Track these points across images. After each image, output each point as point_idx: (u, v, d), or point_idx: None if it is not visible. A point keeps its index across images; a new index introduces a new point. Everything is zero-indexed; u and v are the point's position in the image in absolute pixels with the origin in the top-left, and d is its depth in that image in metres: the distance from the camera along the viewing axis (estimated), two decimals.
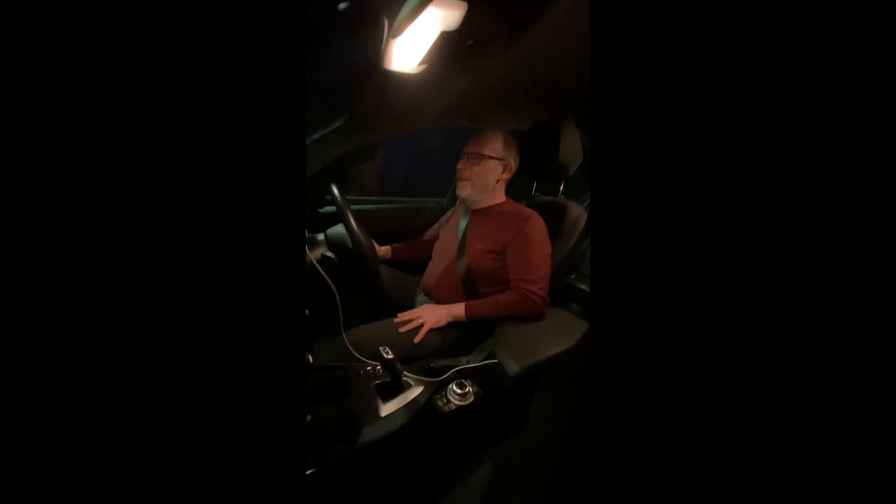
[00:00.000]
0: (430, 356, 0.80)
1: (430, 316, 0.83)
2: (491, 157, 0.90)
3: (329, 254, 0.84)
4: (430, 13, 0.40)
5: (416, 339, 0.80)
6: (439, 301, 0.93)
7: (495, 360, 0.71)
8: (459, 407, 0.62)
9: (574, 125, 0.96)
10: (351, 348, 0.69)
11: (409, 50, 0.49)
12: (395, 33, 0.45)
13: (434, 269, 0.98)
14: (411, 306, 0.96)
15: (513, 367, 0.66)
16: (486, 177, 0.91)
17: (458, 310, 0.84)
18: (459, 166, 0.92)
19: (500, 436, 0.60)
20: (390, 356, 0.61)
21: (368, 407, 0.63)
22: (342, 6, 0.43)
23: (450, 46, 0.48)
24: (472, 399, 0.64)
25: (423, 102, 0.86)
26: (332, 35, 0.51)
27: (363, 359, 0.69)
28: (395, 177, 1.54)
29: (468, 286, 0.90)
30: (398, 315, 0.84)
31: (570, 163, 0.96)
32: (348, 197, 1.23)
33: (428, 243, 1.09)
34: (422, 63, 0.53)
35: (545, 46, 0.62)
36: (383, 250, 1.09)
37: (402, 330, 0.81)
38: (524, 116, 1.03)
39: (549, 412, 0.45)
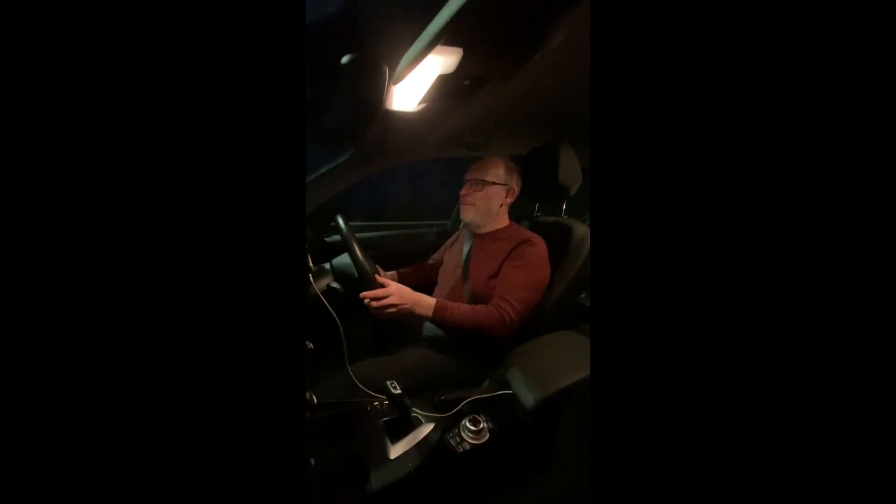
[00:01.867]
0: (439, 387, 0.78)
1: (397, 296, 0.79)
2: (494, 183, 0.92)
3: (335, 284, 0.84)
4: (429, 60, 0.42)
5: (374, 304, 0.76)
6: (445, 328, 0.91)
7: (510, 391, 0.68)
8: (474, 446, 0.59)
9: (571, 147, 0.98)
10: (357, 382, 0.67)
11: (409, 93, 0.50)
12: (396, 79, 0.47)
13: (439, 294, 0.97)
14: (418, 333, 0.95)
15: (529, 399, 0.63)
16: (490, 202, 0.93)
17: (427, 302, 0.81)
18: (463, 192, 0.94)
19: (520, 478, 0.57)
20: (398, 391, 0.59)
21: (377, 448, 0.60)
22: (346, 59, 0.45)
23: (447, 87, 0.49)
24: (486, 437, 0.61)
25: (423, 136, 0.89)
26: (336, 81, 0.53)
27: (371, 392, 0.67)
28: (398, 201, 1.56)
29: None
30: (362, 293, 0.81)
31: (570, 184, 0.97)
32: (353, 224, 1.25)
33: (433, 268, 1.09)
34: (421, 102, 0.54)
35: (543, 76, 0.64)
36: (388, 275, 1.09)
37: (365, 298, 0.77)
38: (523, 141, 1.06)
39: (573, 448, 0.42)
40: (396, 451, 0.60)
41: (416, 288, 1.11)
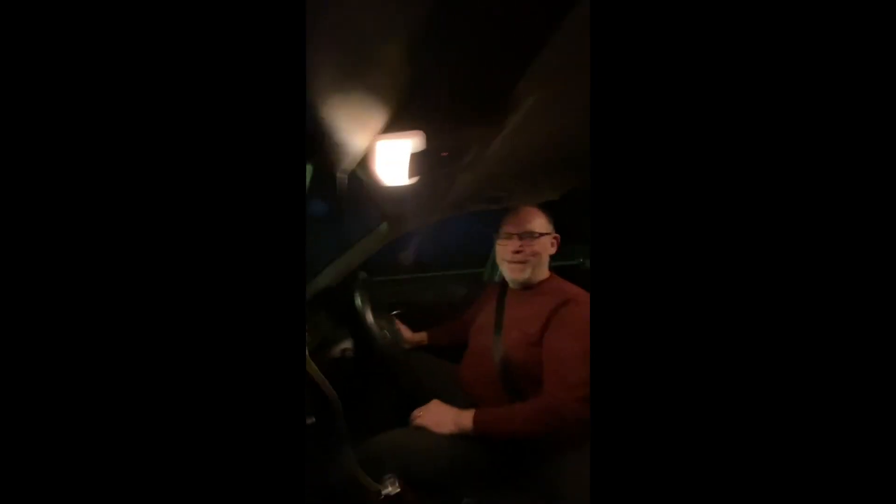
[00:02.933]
0: (464, 482, 0.66)
1: (431, 417, 0.70)
2: (542, 234, 0.82)
3: (348, 347, 0.84)
4: (391, 144, 0.44)
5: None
6: (474, 395, 0.81)
7: None
8: None
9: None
10: (359, 468, 0.60)
11: (393, 171, 0.53)
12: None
13: (470, 359, 0.88)
14: (453, 399, 0.87)
15: None
16: (543, 256, 0.83)
17: (466, 418, 0.67)
18: (515, 248, 0.83)
19: None
20: (396, 489, 0.51)
21: None
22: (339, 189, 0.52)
23: (427, 161, 0.50)
24: None
25: (441, 197, 0.91)
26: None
27: (369, 481, 0.58)
28: (428, 253, 1.58)
29: (508, 384, 0.75)
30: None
31: None
32: (377, 278, 1.27)
33: (467, 325, 0.99)
34: (412, 176, 0.56)
35: (549, 120, 0.60)
36: (418, 337, 1.05)
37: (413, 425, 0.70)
38: (550, 187, 0.99)
39: None
40: None
41: (451, 348, 1.05)
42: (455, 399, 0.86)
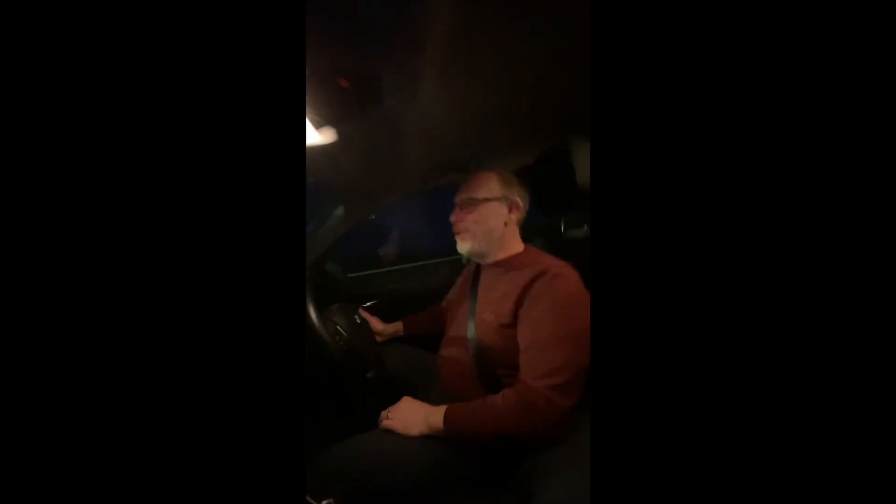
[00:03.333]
0: (432, 492, 0.57)
1: (400, 417, 0.61)
2: (487, 200, 0.72)
3: (340, 329, 0.75)
4: None
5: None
6: (451, 390, 0.72)
7: None
8: None
9: (587, 143, 0.76)
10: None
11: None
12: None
13: (445, 348, 0.78)
14: (431, 394, 0.77)
15: None
16: (488, 222, 0.72)
17: (437, 417, 0.59)
18: (453, 219, 0.76)
19: None
20: None
21: None
22: None
23: (338, 102, 0.40)
24: None
25: (407, 168, 0.81)
26: None
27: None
28: (409, 243, 1.49)
29: (484, 371, 0.66)
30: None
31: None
32: (353, 274, 1.19)
33: (444, 312, 0.91)
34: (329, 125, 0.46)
35: (528, 70, 0.50)
36: (392, 328, 0.96)
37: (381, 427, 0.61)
38: (524, 150, 0.88)
39: None
40: None
41: (429, 337, 0.95)
42: (434, 394, 0.78)
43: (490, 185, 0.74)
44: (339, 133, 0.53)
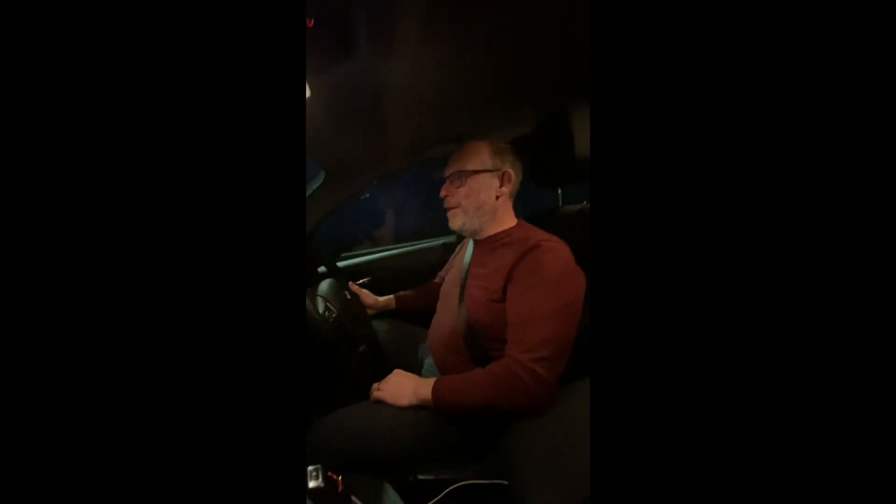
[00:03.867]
0: (420, 459, 0.58)
1: (390, 389, 0.62)
2: (477, 171, 0.69)
3: (330, 306, 0.74)
4: None
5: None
6: (442, 365, 0.71)
7: (505, 482, 0.44)
8: None
9: (586, 111, 0.72)
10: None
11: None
12: None
13: (436, 323, 0.77)
14: (417, 368, 0.77)
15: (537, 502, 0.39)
16: (480, 196, 0.69)
17: (424, 389, 0.60)
18: (443, 194, 0.73)
19: None
20: (319, 484, 0.40)
21: None
22: None
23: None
24: None
25: (393, 138, 0.77)
26: None
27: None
28: (408, 224, 1.46)
29: (473, 347, 0.65)
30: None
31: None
32: (347, 254, 1.17)
33: (437, 287, 0.88)
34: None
35: (521, 35, 0.46)
36: (383, 301, 0.94)
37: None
38: (520, 119, 0.84)
39: None
40: None
41: (419, 313, 0.95)
42: (424, 368, 0.78)
43: (481, 156, 0.70)
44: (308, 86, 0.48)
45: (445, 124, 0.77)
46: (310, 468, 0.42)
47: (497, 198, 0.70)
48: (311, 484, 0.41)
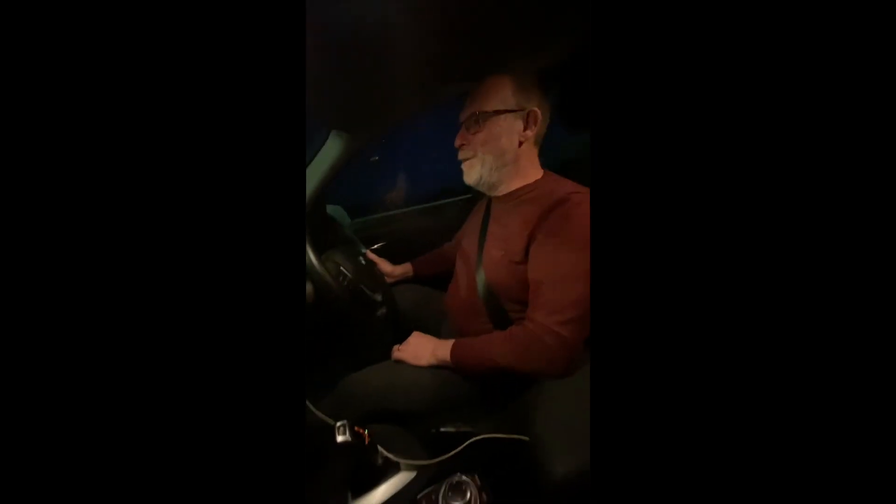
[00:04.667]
0: (441, 413, 0.57)
1: (410, 350, 0.61)
2: (498, 112, 0.59)
3: (344, 270, 0.71)
4: None
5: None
6: (461, 329, 0.68)
7: (527, 438, 0.42)
8: None
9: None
10: (317, 412, 0.52)
11: None
12: None
13: (454, 285, 0.73)
14: (438, 331, 0.75)
15: (558, 466, 0.37)
16: (500, 142, 0.59)
17: (444, 349, 0.58)
18: (458, 143, 0.64)
19: None
20: (346, 438, 0.40)
21: (336, 501, 0.44)
22: None
23: None
24: None
25: (401, 82, 0.67)
26: None
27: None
28: (427, 185, 1.37)
29: (493, 310, 0.61)
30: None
31: None
32: (358, 220, 1.12)
33: (454, 250, 0.84)
34: None
35: None
36: (400, 269, 0.91)
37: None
38: (546, 50, 0.70)
39: None
40: None
41: (438, 278, 0.91)
42: (443, 331, 0.75)
43: (502, 93, 0.59)
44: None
45: (461, 56, 0.65)
46: (337, 424, 0.41)
47: (520, 144, 0.60)
48: (339, 438, 0.40)
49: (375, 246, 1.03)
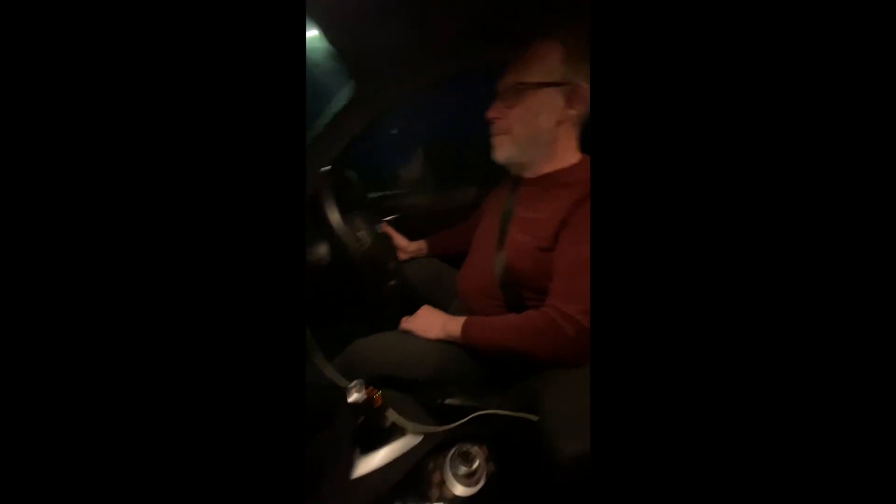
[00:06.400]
0: (450, 385, 0.56)
1: (420, 322, 0.60)
2: (540, 85, 0.53)
3: (323, 255, 0.70)
4: None
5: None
6: (472, 310, 0.66)
7: (535, 418, 0.41)
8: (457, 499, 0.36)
9: None
10: (329, 372, 0.51)
11: None
12: None
13: (469, 266, 0.70)
14: (447, 309, 0.73)
15: (567, 445, 0.36)
16: (537, 120, 0.54)
17: (454, 325, 0.57)
18: (491, 114, 0.58)
19: None
20: (362, 397, 0.39)
21: (341, 459, 0.44)
22: None
23: None
24: (480, 484, 0.37)
25: (426, 43, 0.61)
26: None
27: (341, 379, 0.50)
28: (444, 163, 1.32)
29: (510, 295, 0.59)
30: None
31: None
32: (375, 194, 1.09)
33: (470, 230, 0.80)
34: None
35: None
36: (414, 246, 0.88)
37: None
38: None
39: None
40: (361, 468, 0.42)
41: (453, 255, 0.88)
42: (452, 308, 0.74)
43: (549, 63, 0.53)
44: None
45: (498, 19, 0.60)
46: (351, 384, 0.41)
47: (559, 123, 0.55)
48: (353, 397, 0.40)
49: (389, 218, 1.01)
